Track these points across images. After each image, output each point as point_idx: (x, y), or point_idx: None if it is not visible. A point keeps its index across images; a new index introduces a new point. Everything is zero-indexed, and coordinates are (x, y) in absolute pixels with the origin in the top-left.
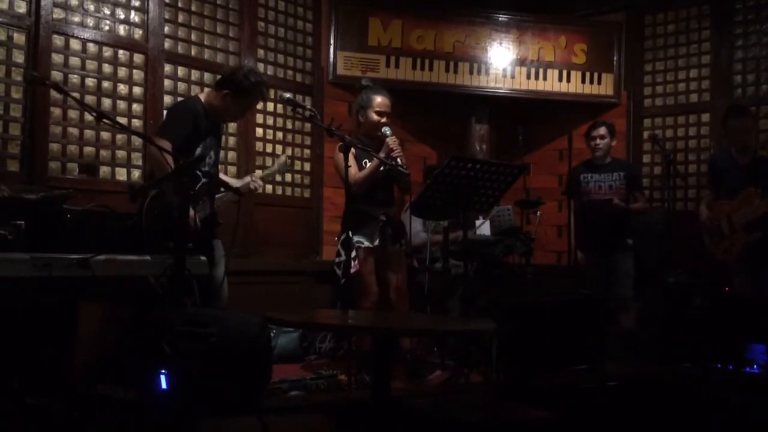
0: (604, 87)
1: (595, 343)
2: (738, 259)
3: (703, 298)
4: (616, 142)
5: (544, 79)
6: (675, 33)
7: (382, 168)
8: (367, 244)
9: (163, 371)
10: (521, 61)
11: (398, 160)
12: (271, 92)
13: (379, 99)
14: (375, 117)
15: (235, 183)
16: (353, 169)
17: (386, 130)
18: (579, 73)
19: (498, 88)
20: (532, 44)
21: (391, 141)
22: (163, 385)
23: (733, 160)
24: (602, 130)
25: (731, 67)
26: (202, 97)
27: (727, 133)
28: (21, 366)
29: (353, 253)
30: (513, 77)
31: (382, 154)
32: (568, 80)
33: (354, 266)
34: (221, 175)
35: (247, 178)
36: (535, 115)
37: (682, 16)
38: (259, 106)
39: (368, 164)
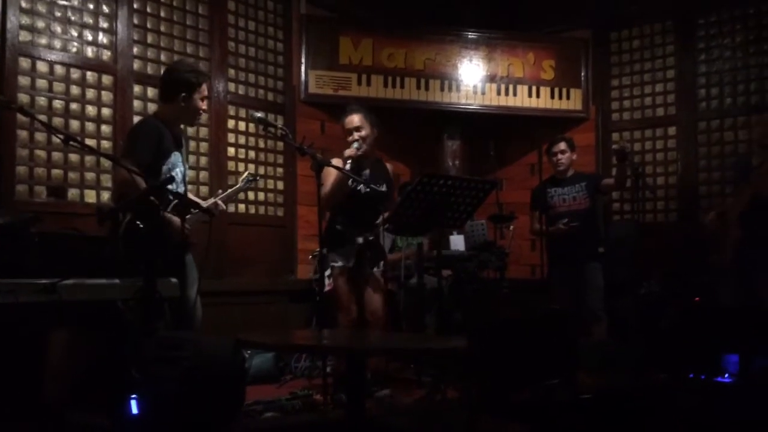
0: (573, 102)
1: (567, 357)
2: (731, 263)
3: (674, 308)
4: (576, 156)
5: (514, 95)
6: (640, 48)
7: (359, 188)
8: (341, 263)
9: (134, 397)
10: (491, 78)
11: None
12: (243, 111)
13: (345, 119)
14: (347, 137)
15: (202, 204)
16: (327, 186)
17: (354, 144)
18: (548, 89)
19: (469, 105)
20: (502, 61)
21: (348, 150)
22: (135, 411)
23: (748, 164)
24: (562, 146)
25: (695, 81)
26: (158, 114)
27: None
28: None
29: (327, 272)
30: (483, 93)
31: (346, 167)
32: (538, 96)
33: (328, 284)
34: (190, 196)
35: (211, 200)
36: (506, 131)
37: (647, 32)
38: (231, 125)
39: (355, 184)
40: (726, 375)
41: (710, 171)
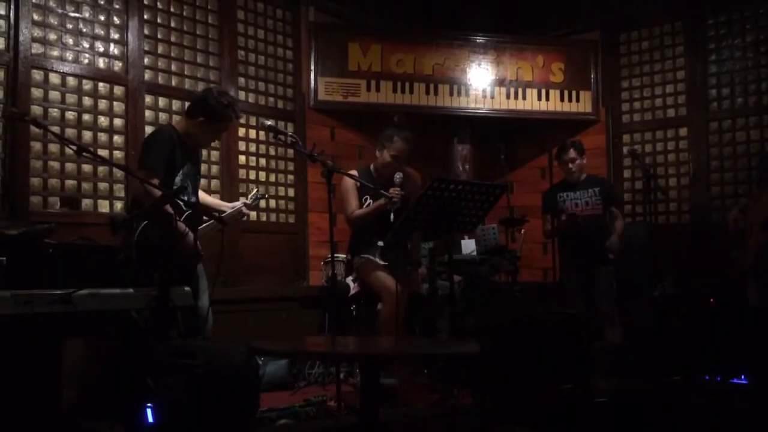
0: (583, 104)
1: (579, 361)
2: (754, 265)
3: (688, 310)
4: (586, 159)
5: (524, 98)
6: (650, 50)
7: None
8: (371, 258)
9: (149, 405)
10: (500, 82)
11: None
12: (253, 119)
13: (399, 144)
14: (388, 159)
15: (223, 205)
16: (354, 204)
17: (397, 177)
18: (557, 92)
19: (478, 109)
20: (511, 64)
21: (394, 191)
22: (150, 419)
23: None
24: (572, 153)
25: (706, 81)
26: (177, 125)
27: None
28: (4, 403)
29: (351, 277)
30: (493, 97)
31: (382, 201)
32: (547, 99)
33: (354, 288)
34: (209, 198)
35: (239, 204)
36: (516, 134)
37: (656, 33)
38: (241, 133)
39: (368, 201)
40: (742, 377)
41: (722, 172)
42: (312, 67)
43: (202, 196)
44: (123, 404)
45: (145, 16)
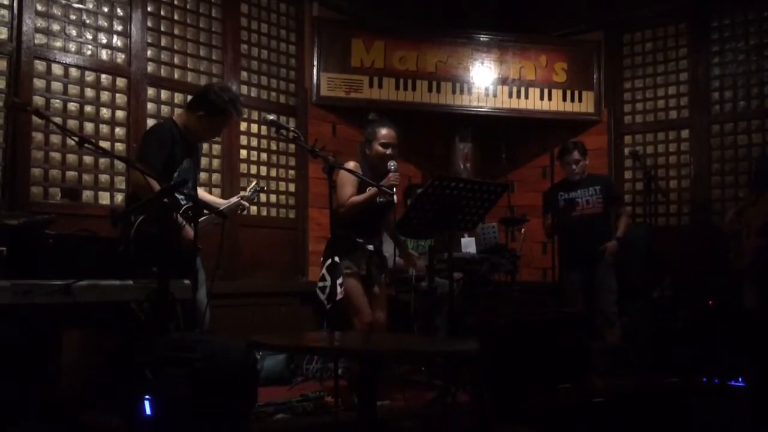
0: (585, 105)
1: (579, 360)
2: (750, 269)
3: (687, 311)
4: (588, 160)
5: (526, 97)
6: (653, 51)
7: (379, 199)
8: (354, 269)
9: (147, 397)
10: (503, 80)
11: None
12: (255, 114)
13: (383, 131)
14: (380, 149)
15: (219, 203)
16: (350, 191)
17: (391, 164)
18: (560, 92)
19: (481, 107)
20: (513, 63)
21: (394, 177)
22: (148, 411)
23: None
24: (576, 155)
25: (709, 84)
26: (177, 119)
27: None
28: (3, 394)
29: (339, 280)
30: (495, 96)
31: (382, 184)
32: (550, 98)
33: (340, 293)
34: (207, 195)
35: (234, 199)
36: (518, 134)
37: (660, 35)
38: (243, 127)
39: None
40: (740, 379)
41: (723, 175)
42: (315, 63)
43: (201, 193)
44: (121, 396)
45: (149, 9)
